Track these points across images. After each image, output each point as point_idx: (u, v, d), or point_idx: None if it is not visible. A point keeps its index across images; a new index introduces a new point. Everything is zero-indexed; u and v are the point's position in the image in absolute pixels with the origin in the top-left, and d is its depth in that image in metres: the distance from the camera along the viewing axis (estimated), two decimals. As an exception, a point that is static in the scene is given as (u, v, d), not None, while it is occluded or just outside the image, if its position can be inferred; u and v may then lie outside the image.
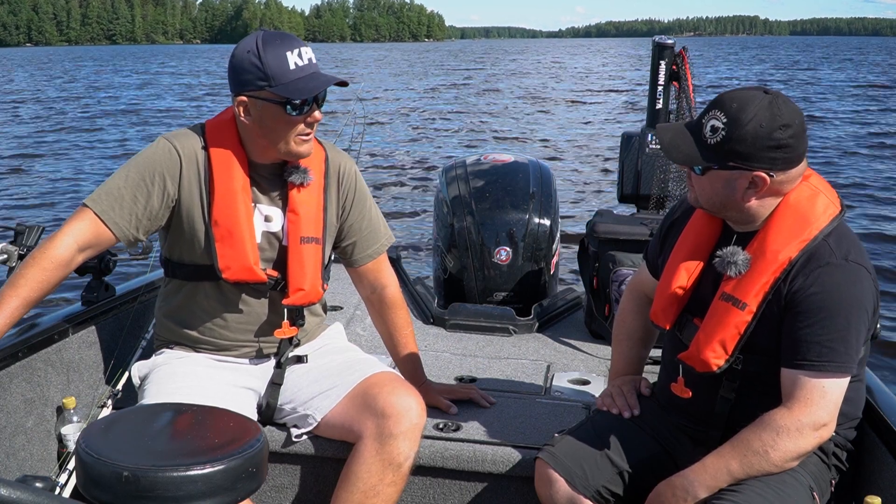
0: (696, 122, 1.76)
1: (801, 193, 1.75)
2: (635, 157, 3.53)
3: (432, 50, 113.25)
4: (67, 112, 21.99)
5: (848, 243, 1.72)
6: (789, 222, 1.73)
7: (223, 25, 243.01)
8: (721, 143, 1.68)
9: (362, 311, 3.14)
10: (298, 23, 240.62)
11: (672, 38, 3.58)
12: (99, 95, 28.18)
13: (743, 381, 1.80)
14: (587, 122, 18.92)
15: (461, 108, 22.74)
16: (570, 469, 1.86)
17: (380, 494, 1.98)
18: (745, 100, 1.68)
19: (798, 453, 1.68)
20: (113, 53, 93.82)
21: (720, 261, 1.77)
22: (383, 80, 36.71)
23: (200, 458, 1.12)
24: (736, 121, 1.66)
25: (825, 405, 1.66)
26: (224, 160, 2.03)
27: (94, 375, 2.45)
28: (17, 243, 2.36)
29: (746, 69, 44.30)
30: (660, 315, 1.92)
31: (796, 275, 1.70)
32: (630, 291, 2.17)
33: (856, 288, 1.68)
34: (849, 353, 1.66)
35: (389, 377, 2.10)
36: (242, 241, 2.03)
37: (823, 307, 1.66)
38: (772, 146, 1.66)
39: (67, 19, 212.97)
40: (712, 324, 1.78)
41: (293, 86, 1.92)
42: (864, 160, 13.03)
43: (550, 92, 29.34)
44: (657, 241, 2.07)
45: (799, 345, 1.68)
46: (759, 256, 1.73)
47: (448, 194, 3.52)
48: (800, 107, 1.74)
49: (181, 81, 36.29)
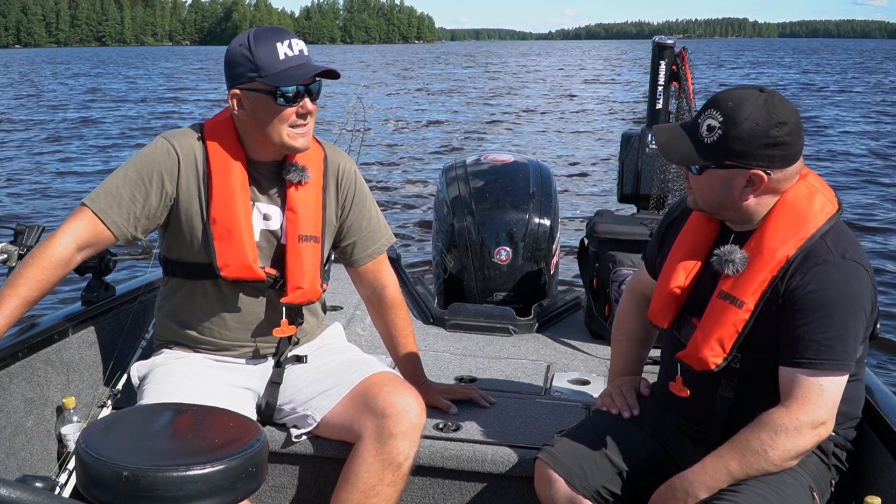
0: (693, 122, 1.76)
1: (799, 192, 1.75)
2: (635, 158, 3.53)
3: (422, 52, 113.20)
4: (66, 112, 21.99)
5: (846, 241, 1.72)
6: (787, 221, 1.73)
7: (213, 27, 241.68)
8: (718, 141, 1.69)
9: (362, 311, 3.14)
10: (288, 24, 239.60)
11: (672, 39, 3.58)
12: (97, 96, 28.19)
13: (741, 379, 1.80)
14: (587, 121, 18.92)
15: (461, 109, 22.73)
16: (570, 469, 1.86)
17: (379, 494, 1.98)
18: (741, 98, 1.69)
19: (797, 452, 1.67)
20: (106, 55, 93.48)
21: (718, 259, 1.77)
22: (381, 81, 36.69)
23: (200, 458, 1.12)
24: (732, 119, 1.67)
25: (823, 403, 1.66)
26: (222, 158, 2.03)
27: (94, 375, 2.45)
28: (17, 243, 2.36)
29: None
30: (658, 314, 1.92)
31: (794, 273, 1.70)
32: (629, 292, 2.17)
33: (853, 286, 1.68)
34: (846, 351, 1.66)
35: (389, 377, 2.10)
36: (241, 239, 2.03)
37: (821, 305, 1.66)
38: (768, 144, 1.67)
39: (56, 21, 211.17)
40: (710, 322, 1.78)
41: (281, 75, 1.92)
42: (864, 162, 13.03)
43: (550, 92, 29.33)
44: (655, 242, 2.07)
45: (797, 343, 1.68)
46: (757, 255, 1.73)
47: (448, 194, 3.52)
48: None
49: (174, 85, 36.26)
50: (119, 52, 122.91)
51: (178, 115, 21.31)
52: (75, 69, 51.36)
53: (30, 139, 16.30)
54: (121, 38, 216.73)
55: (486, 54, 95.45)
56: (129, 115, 21.17)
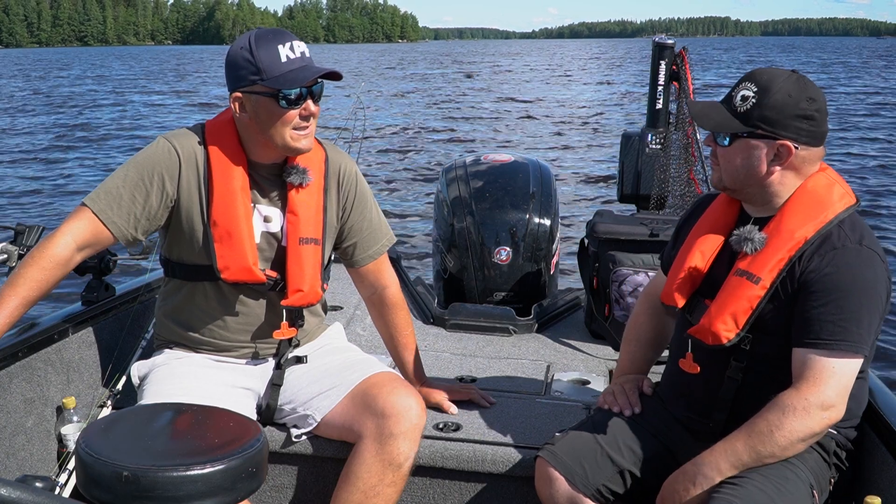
0: (727, 95, 1.83)
1: (819, 181, 1.80)
2: (635, 157, 3.53)
3: (409, 51, 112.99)
4: (66, 111, 21.99)
5: (862, 230, 1.76)
6: (806, 205, 1.77)
7: (195, 26, 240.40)
8: (750, 110, 1.76)
9: (362, 311, 3.14)
10: (271, 24, 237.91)
11: (672, 39, 3.58)
12: (97, 95, 28.17)
13: (750, 362, 1.80)
14: (587, 122, 18.91)
15: (461, 109, 22.72)
16: (571, 468, 1.86)
17: (380, 494, 1.98)
18: (774, 74, 1.78)
19: (805, 434, 1.67)
20: (93, 55, 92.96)
21: (737, 238, 1.80)
22: (379, 81, 36.69)
23: (200, 458, 1.12)
24: (766, 89, 1.75)
25: (834, 385, 1.66)
26: (223, 160, 2.03)
27: (94, 375, 2.45)
28: (17, 243, 2.36)
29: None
30: (672, 294, 1.93)
31: (811, 255, 1.73)
32: (645, 295, 2.19)
33: (870, 271, 1.71)
34: (860, 334, 1.67)
35: (389, 377, 2.10)
36: (241, 241, 2.03)
37: (837, 287, 1.68)
38: (799, 115, 1.73)
39: (38, 21, 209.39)
40: (725, 297, 1.80)
41: (283, 77, 1.92)
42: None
43: (549, 93, 29.31)
44: (672, 241, 2.10)
45: (811, 324, 1.69)
46: (775, 235, 1.77)
47: (448, 194, 3.52)
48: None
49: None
50: (101, 51, 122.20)
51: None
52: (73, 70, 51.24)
53: (29, 138, 16.31)
54: (103, 38, 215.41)
55: (472, 54, 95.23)
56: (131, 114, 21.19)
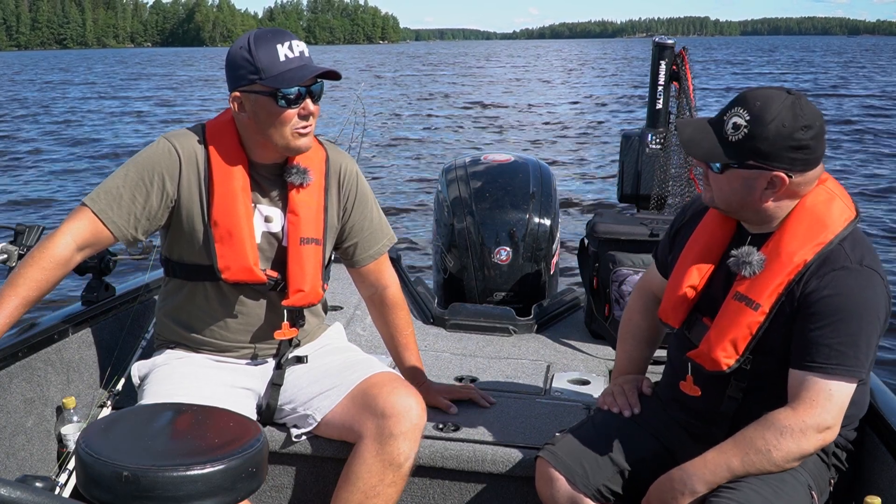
0: (717, 118, 1.75)
1: (818, 197, 1.75)
2: (635, 157, 3.53)
3: (395, 52, 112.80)
4: (66, 111, 21.99)
5: (862, 248, 1.72)
6: (805, 225, 1.72)
7: (175, 28, 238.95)
8: (743, 140, 1.68)
9: (362, 311, 3.13)
10: (251, 25, 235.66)
11: (672, 39, 3.57)
12: (96, 95, 28.16)
13: (751, 381, 1.79)
14: (586, 121, 18.91)
15: (460, 109, 22.72)
16: (571, 468, 1.86)
17: (380, 495, 1.97)
18: (769, 98, 1.68)
19: (800, 454, 1.67)
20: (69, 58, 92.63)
21: (735, 260, 1.76)
22: (377, 81, 36.67)
23: (200, 458, 1.12)
24: (759, 119, 1.66)
25: (830, 408, 1.66)
26: (224, 160, 2.03)
27: (94, 375, 2.45)
28: (17, 243, 2.36)
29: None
30: (669, 313, 1.92)
31: (810, 277, 1.69)
32: (638, 290, 2.17)
33: (869, 293, 1.68)
34: (858, 358, 1.66)
35: (389, 377, 2.10)
36: (242, 241, 2.03)
37: (836, 310, 1.66)
38: (793, 146, 1.66)
39: (17, 24, 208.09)
40: (724, 323, 1.77)
41: (282, 77, 1.92)
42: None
43: (548, 92, 29.30)
44: (667, 239, 2.07)
45: (809, 346, 1.67)
46: (774, 258, 1.73)
47: (448, 194, 3.52)
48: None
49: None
50: (82, 54, 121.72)
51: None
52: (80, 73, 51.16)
53: (28, 138, 16.30)
54: (82, 41, 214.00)
55: (457, 55, 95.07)
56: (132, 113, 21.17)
